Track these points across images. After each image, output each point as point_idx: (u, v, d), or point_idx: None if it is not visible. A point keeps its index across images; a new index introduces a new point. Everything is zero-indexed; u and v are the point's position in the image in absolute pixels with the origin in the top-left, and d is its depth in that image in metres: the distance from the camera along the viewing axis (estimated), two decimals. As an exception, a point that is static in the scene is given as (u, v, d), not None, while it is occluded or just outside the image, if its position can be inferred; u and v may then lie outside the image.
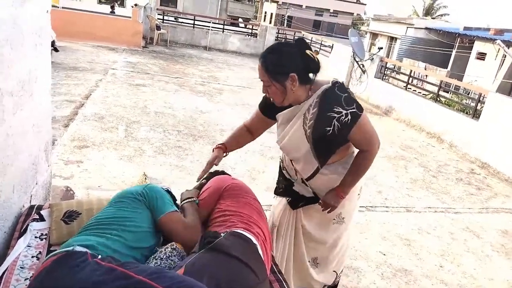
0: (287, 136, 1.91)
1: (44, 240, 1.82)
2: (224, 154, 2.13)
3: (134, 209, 1.64)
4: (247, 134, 2.19)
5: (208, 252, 1.49)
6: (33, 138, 2.12)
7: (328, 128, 1.75)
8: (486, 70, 16.53)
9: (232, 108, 7.00)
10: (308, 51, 1.75)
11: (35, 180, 2.25)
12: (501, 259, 3.58)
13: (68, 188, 3.13)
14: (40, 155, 2.29)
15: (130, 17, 12.27)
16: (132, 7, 13.79)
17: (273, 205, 2.34)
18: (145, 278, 1.21)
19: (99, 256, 1.33)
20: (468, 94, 12.12)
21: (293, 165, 2.04)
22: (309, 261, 2.23)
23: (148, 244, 1.64)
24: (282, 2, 34.32)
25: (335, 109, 1.73)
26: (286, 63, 1.72)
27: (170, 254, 1.65)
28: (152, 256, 1.61)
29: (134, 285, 1.19)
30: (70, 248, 1.35)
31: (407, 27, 21.18)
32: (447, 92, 10.66)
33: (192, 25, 14.53)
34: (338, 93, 1.76)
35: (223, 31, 14.97)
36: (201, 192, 2.05)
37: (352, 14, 37.78)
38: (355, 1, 38.06)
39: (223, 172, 2.24)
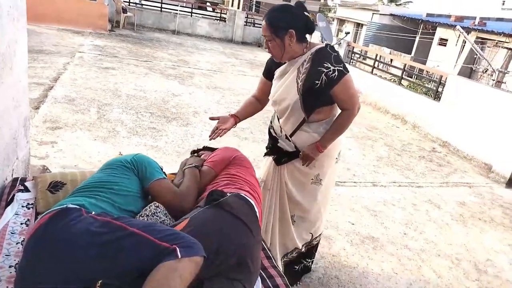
0: (281, 87, 2.13)
1: (31, 209, 1.87)
2: (234, 126, 2.31)
3: (123, 174, 1.72)
4: (256, 102, 2.43)
5: (213, 208, 1.59)
6: (13, 113, 2.14)
7: (317, 81, 1.99)
8: (447, 55, 17.17)
9: (204, 91, 7.04)
10: (305, 13, 2.00)
11: (15, 155, 2.27)
12: (459, 227, 3.88)
13: (45, 167, 3.13)
14: (20, 130, 2.31)
15: (95, 0, 11.93)
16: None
17: (263, 164, 2.52)
18: (139, 230, 1.30)
19: (93, 212, 1.41)
20: (431, 78, 12.62)
21: (279, 122, 2.24)
22: (291, 216, 2.40)
23: (136, 209, 1.72)
24: (250, -13, 34.06)
25: (325, 64, 1.98)
26: (287, 20, 1.95)
27: (154, 211, 1.74)
28: (138, 214, 1.70)
29: (129, 236, 1.28)
30: (64, 206, 1.42)
31: (373, 13, 21.58)
32: (411, 77, 11.06)
33: (160, 9, 14.29)
34: (330, 52, 2.01)
35: (191, 15, 14.81)
36: (212, 155, 2.14)
37: (319, 0, 38.00)
38: (322, -13, 38.24)
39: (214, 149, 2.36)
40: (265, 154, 2.47)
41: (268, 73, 2.29)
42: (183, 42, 12.65)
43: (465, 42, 16.12)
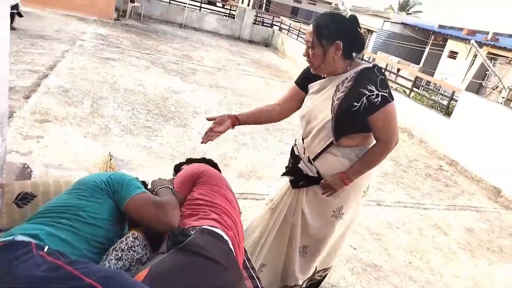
0: (314, 103, 1.90)
1: (-9, 224, 1.62)
2: (231, 128, 2.01)
3: (92, 198, 1.45)
4: (272, 111, 2.13)
5: (178, 253, 1.34)
6: (-17, 109, 1.88)
7: (356, 104, 1.75)
8: (456, 69, 16.91)
9: (206, 90, 6.78)
10: (358, 29, 1.78)
11: (-15, 156, 2.01)
12: (466, 257, 3.63)
13: (26, 166, 2.87)
14: (-8, 128, 2.05)
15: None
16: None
17: (277, 184, 2.29)
18: (95, 282, 1.04)
19: (46, 248, 1.15)
20: (438, 90, 12.36)
21: (303, 142, 2.00)
22: (299, 247, 2.15)
23: (108, 239, 1.46)
24: (261, -15, 33.76)
25: (368, 87, 1.74)
26: (336, 30, 1.74)
27: (132, 244, 1.49)
28: (112, 248, 1.44)
29: None
30: (11, 238, 1.16)
31: (384, 21, 21.31)
32: (418, 88, 10.79)
33: (168, 0, 14.02)
34: (376, 73, 1.78)
35: (200, 9, 14.54)
36: (177, 175, 1.91)
37: (330, 3, 37.70)
38: (334, -10, 37.93)
39: (211, 161, 2.12)
40: (283, 174, 2.20)
41: (303, 82, 2.02)
42: (189, 36, 12.38)
43: (475, 57, 15.86)
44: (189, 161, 2.11)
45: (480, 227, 4.34)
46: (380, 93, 1.73)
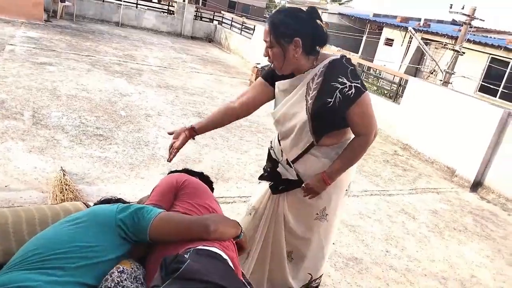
0: (286, 105, 1.78)
1: None
2: (193, 139, 1.90)
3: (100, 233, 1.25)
4: (231, 110, 1.92)
5: (174, 284, 1.15)
6: None
7: (330, 99, 1.65)
8: (393, 55, 17.64)
9: (156, 91, 6.44)
10: (318, 21, 1.66)
11: None
12: (437, 240, 3.70)
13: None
14: None
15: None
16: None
17: (256, 189, 2.15)
18: None
19: None
20: (378, 78, 12.80)
21: (280, 144, 1.88)
22: (286, 253, 2.03)
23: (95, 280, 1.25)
24: (196, -20, 33.15)
25: (339, 79, 1.64)
26: (294, 26, 1.62)
27: (118, 279, 1.28)
28: None
29: None
30: None
31: (322, 12, 21.74)
32: (360, 75, 11.09)
33: (102, -1, 13.27)
34: (345, 64, 1.69)
35: (136, 6, 13.92)
36: (150, 193, 1.69)
37: (266, -3, 37.96)
38: (270, -17, 38.18)
39: (201, 174, 1.93)
40: (261, 178, 2.07)
41: (270, 78, 1.86)
42: (129, 35, 11.81)
43: (410, 43, 16.63)
44: (186, 171, 1.91)
45: (443, 208, 4.47)
46: (353, 84, 1.64)
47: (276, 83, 1.82)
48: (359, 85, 1.64)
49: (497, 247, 3.83)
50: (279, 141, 1.92)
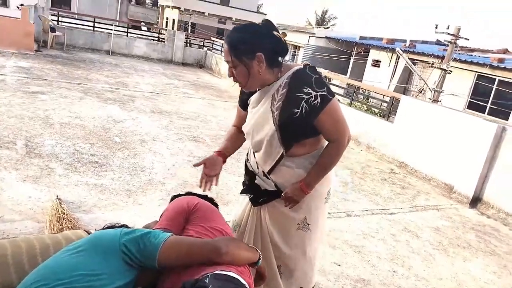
0: (254, 118, 1.79)
1: None
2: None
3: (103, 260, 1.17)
4: (240, 133, 2.01)
5: None
6: None
7: (296, 110, 1.65)
8: (381, 76, 17.92)
9: (149, 116, 6.40)
10: (275, 32, 1.64)
11: None
12: (443, 257, 3.64)
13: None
14: None
15: (19, 18, 10.79)
16: (18, 7, 12.22)
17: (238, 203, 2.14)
18: None
19: None
20: (368, 98, 12.94)
21: (255, 156, 1.88)
22: (278, 267, 1.97)
23: None
24: (185, 9, 33.68)
25: (304, 89, 1.64)
26: (253, 42, 1.62)
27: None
28: None
29: None
30: None
31: (309, 36, 22.15)
32: (351, 96, 11.19)
33: (92, 28, 13.36)
34: (309, 74, 1.67)
35: (127, 35, 14.03)
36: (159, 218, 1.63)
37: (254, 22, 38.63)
38: (255, 10, 38.90)
39: (206, 197, 1.88)
40: (241, 192, 2.06)
41: (243, 102, 1.94)
42: (120, 63, 11.85)
43: (397, 63, 16.93)
44: (191, 194, 1.85)
45: (444, 225, 4.43)
46: (318, 93, 1.63)
47: (249, 100, 1.85)
48: (325, 93, 1.64)
49: (503, 263, 3.77)
50: (254, 153, 1.92)
